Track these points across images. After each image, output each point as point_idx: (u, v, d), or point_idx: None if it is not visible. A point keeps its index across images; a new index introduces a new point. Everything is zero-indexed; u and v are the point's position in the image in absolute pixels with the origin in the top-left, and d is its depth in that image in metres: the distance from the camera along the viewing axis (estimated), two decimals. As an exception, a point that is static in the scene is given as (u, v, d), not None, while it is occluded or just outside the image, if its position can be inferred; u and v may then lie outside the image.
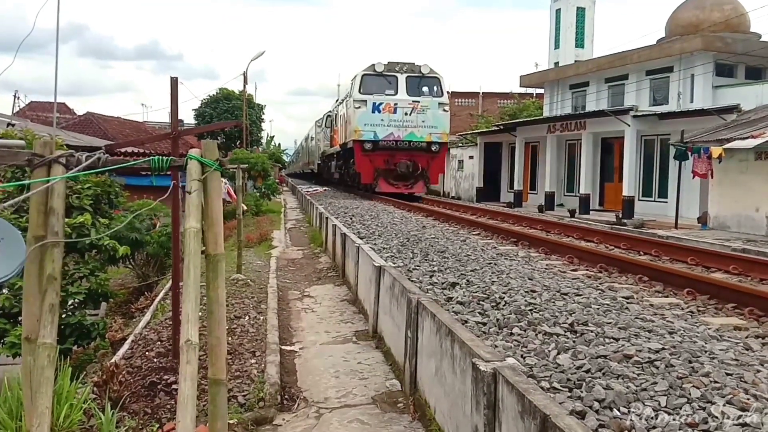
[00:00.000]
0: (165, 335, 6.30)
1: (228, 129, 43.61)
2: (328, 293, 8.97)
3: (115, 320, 9.05)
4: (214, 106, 46.82)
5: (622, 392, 2.79)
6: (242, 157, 25.20)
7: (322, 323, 7.25)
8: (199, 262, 2.58)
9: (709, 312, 4.44)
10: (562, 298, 5.01)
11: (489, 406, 3.11)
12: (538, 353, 3.57)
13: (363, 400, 4.87)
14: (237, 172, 10.28)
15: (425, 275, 6.28)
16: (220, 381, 2.86)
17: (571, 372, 3.20)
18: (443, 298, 5.19)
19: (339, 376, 5.42)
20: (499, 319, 4.39)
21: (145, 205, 10.55)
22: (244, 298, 8.04)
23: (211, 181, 2.74)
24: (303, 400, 4.91)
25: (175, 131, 5.26)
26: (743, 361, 3.28)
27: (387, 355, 5.88)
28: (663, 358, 3.32)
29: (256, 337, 6.31)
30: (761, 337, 3.76)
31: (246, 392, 4.91)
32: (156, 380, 5.26)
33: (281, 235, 16.03)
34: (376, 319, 6.62)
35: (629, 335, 3.82)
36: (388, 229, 11.04)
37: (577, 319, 4.22)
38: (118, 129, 32.66)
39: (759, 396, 2.74)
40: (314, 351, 6.19)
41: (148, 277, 13.12)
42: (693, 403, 2.68)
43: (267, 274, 9.85)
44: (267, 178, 27.37)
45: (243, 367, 5.46)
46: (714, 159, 14.50)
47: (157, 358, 5.76)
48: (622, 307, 4.65)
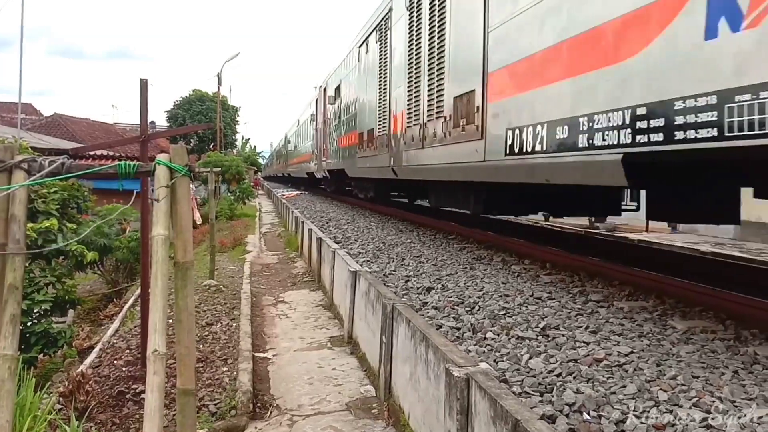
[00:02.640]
0: (134, 343, 6.22)
1: (201, 131, 43.26)
2: (303, 299, 8.93)
3: (83, 328, 8.92)
4: (187, 107, 46.46)
5: (592, 396, 2.82)
6: (216, 160, 25.01)
7: (296, 329, 7.20)
8: (168, 270, 2.54)
9: (677, 315, 4.49)
10: (535, 302, 5.05)
11: (462, 412, 3.12)
12: (510, 357, 3.59)
13: (337, 407, 4.85)
14: (210, 175, 10.17)
15: (401, 280, 6.28)
16: (189, 391, 2.82)
17: (543, 376, 3.22)
18: (419, 303, 5.18)
19: (313, 383, 5.39)
20: (473, 323, 4.40)
21: (114, 210, 10.41)
22: (217, 304, 7.96)
23: (180, 187, 2.70)
24: (276, 408, 4.87)
25: (144, 134, 5.19)
26: (709, 364, 3.34)
27: (362, 361, 5.86)
28: (632, 361, 3.38)
29: (229, 344, 6.25)
30: (727, 340, 3.81)
31: (217, 401, 4.86)
32: (124, 390, 5.19)
33: (256, 240, 15.94)
34: (352, 325, 6.60)
35: (600, 339, 3.86)
36: (365, 233, 11.02)
37: (549, 324, 4.25)
38: (87, 131, 32.20)
39: (724, 398, 2.80)
40: (288, 358, 6.15)
41: (117, 283, 12.95)
42: (660, 406, 2.72)
43: (240, 280, 9.76)
44: (242, 182, 27.18)
45: (215, 375, 5.40)
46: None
47: (126, 366, 5.68)
48: (593, 311, 4.70)
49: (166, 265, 2.55)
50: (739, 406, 2.74)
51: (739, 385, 3.01)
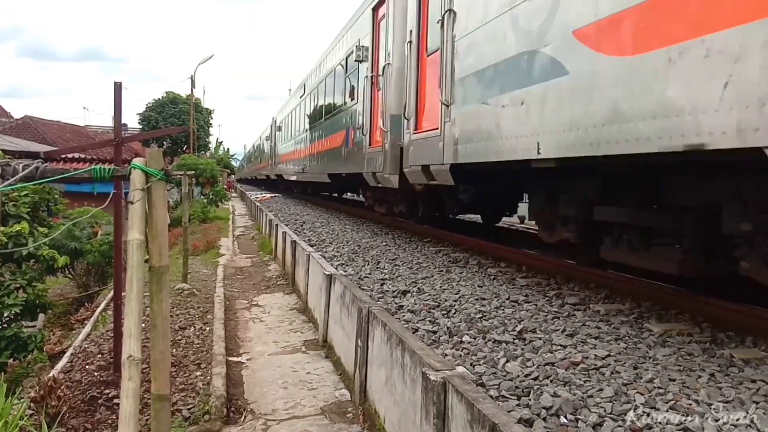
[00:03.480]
0: (106, 347, 6.12)
1: (175, 134, 42.80)
2: (277, 302, 8.86)
3: (54, 332, 8.77)
4: (160, 110, 46.02)
5: (570, 399, 2.83)
6: (189, 163, 24.80)
7: (270, 333, 7.15)
8: (143, 275, 2.50)
9: (653, 318, 4.54)
10: (511, 305, 5.07)
11: (439, 416, 3.11)
12: (487, 361, 3.59)
13: (312, 411, 4.81)
14: (183, 178, 10.06)
15: (376, 283, 6.27)
16: (164, 396, 2.78)
17: (520, 380, 3.23)
18: (394, 307, 5.18)
19: (287, 387, 5.34)
20: (449, 327, 4.41)
21: (85, 213, 10.24)
22: (190, 308, 7.87)
23: (155, 191, 2.66)
24: (250, 413, 4.82)
25: (118, 138, 5.12)
26: (686, 367, 3.38)
27: (337, 365, 5.83)
28: (609, 364, 3.40)
29: (202, 348, 6.18)
30: (703, 343, 3.87)
31: (191, 405, 4.80)
32: (96, 395, 5.12)
33: (229, 243, 15.81)
34: (327, 328, 6.56)
35: (576, 342, 3.89)
36: (340, 236, 10.99)
37: (525, 327, 4.27)
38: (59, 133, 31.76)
39: (701, 401, 2.83)
40: (262, 362, 6.09)
41: (88, 287, 12.76)
42: (638, 409, 2.75)
43: (214, 283, 9.68)
44: (215, 185, 26.99)
45: (188, 379, 5.34)
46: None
47: (98, 371, 5.60)
48: (569, 314, 4.74)
49: (142, 269, 2.51)
50: (716, 408, 2.77)
51: (715, 388, 3.05)
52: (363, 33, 11.82)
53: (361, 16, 12.17)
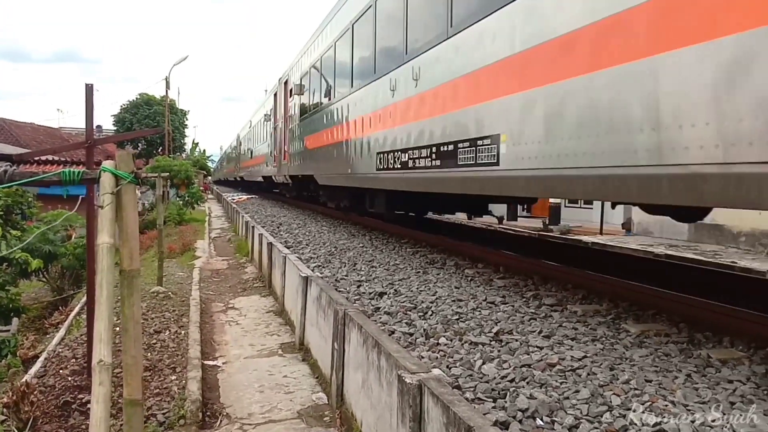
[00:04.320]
0: (80, 352, 6.02)
1: (149, 135, 42.29)
2: (253, 305, 8.79)
3: (27, 337, 8.61)
4: (134, 111, 45.49)
5: (546, 401, 2.83)
6: (164, 165, 24.55)
7: (246, 336, 7.08)
8: (113, 279, 2.45)
9: (630, 318, 4.57)
10: (488, 306, 5.07)
11: (415, 419, 3.10)
12: (463, 363, 3.58)
13: (288, 415, 4.78)
14: (157, 180, 9.94)
15: (353, 285, 6.24)
16: (137, 401, 2.74)
17: (496, 382, 3.23)
18: (371, 309, 5.15)
19: (264, 391, 5.30)
20: (426, 329, 4.39)
21: (59, 216, 10.08)
22: (165, 311, 7.77)
23: (125, 194, 2.61)
24: (226, 417, 4.77)
25: (90, 140, 5.03)
26: (663, 368, 3.39)
27: (314, 368, 5.79)
28: (585, 366, 3.41)
29: (177, 352, 6.10)
30: (680, 343, 3.89)
31: (166, 410, 4.74)
32: (70, 400, 5.04)
33: (205, 245, 15.66)
34: (303, 331, 6.52)
35: (553, 343, 3.89)
36: (316, 238, 10.94)
37: (502, 328, 4.27)
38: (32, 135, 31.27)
39: (677, 402, 2.84)
40: (238, 365, 6.03)
41: (63, 290, 12.54)
42: (614, 411, 2.75)
43: (189, 286, 9.57)
44: (191, 186, 26.74)
45: (163, 384, 5.27)
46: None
47: (72, 376, 5.51)
48: (546, 315, 4.75)
49: (111, 273, 2.46)
50: (692, 409, 2.77)
51: (692, 389, 3.05)
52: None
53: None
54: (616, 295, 5.18)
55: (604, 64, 3.86)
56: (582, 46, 4.08)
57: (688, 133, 3.17)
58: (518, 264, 6.91)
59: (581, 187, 4.19)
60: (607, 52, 3.84)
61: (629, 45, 3.64)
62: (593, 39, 3.98)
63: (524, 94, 4.85)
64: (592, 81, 3.97)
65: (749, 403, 2.87)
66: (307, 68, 15.15)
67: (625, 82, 3.68)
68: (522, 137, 4.87)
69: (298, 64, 16.60)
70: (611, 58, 3.79)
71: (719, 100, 3.00)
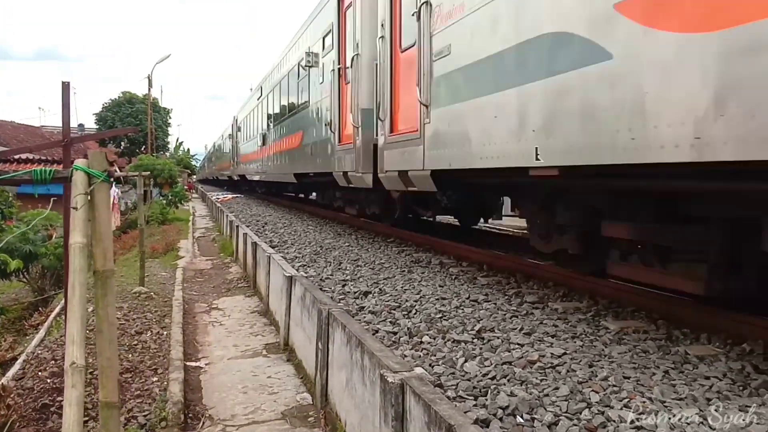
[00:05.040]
0: (60, 354, 5.95)
1: (132, 134, 41.97)
2: (237, 305, 8.74)
3: (6, 338, 8.51)
4: (116, 110, 45.17)
5: (526, 398, 2.82)
6: (147, 164, 24.37)
7: (230, 337, 7.04)
8: (85, 279, 2.41)
9: (610, 315, 4.58)
10: (471, 304, 5.07)
11: (397, 418, 3.08)
12: (446, 361, 3.57)
13: (272, 416, 4.75)
14: (138, 179, 9.85)
15: (338, 284, 6.21)
16: (113, 404, 2.69)
17: (477, 379, 3.22)
18: (355, 308, 5.13)
19: (247, 392, 5.26)
20: (409, 327, 4.38)
21: (39, 215, 9.96)
22: (147, 312, 7.71)
23: (98, 193, 2.57)
24: (208, 419, 4.73)
25: (66, 138, 4.96)
26: (641, 364, 3.40)
27: (298, 368, 5.76)
28: (565, 363, 3.41)
29: (159, 353, 6.05)
30: (658, 340, 3.90)
31: (147, 412, 4.69)
32: (48, 402, 4.97)
33: (189, 245, 15.56)
34: (288, 331, 6.49)
35: (534, 341, 3.90)
36: (302, 237, 10.90)
37: (484, 326, 4.27)
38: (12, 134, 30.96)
39: (654, 399, 2.85)
40: (221, 366, 5.99)
41: (43, 291, 12.40)
42: (592, 408, 2.75)
43: (172, 286, 9.50)
44: (174, 185, 26.56)
45: (144, 385, 5.22)
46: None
47: (51, 378, 5.44)
48: (527, 312, 4.76)
49: (84, 274, 2.42)
50: (669, 406, 2.78)
51: (669, 385, 3.06)
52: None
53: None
54: (596, 293, 5.19)
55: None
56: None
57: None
58: (501, 262, 6.92)
59: None
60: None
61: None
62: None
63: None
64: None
65: (725, 399, 2.89)
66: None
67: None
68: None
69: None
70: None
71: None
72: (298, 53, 14.16)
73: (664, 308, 4.53)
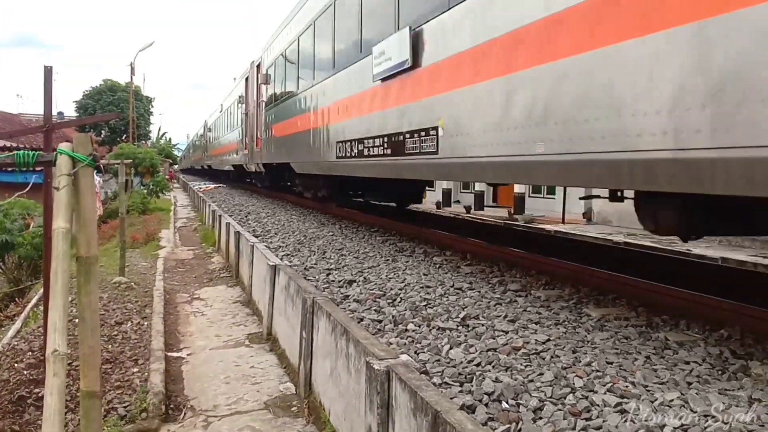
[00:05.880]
0: (37, 345, 5.87)
1: (113, 122, 41.51)
2: (220, 295, 8.69)
3: (-20, 330, 8.37)
4: (98, 98, 44.64)
5: (511, 384, 2.84)
6: (128, 152, 24.10)
7: (212, 327, 6.99)
8: (68, 265, 2.37)
9: (591, 303, 4.62)
10: (455, 292, 5.08)
11: (383, 405, 3.08)
12: (431, 348, 3.58)
13: (255, 406, 4.72)
14: (120, 167, 9.73)
15: (322, 273, 6.19)
16: (95, 394, 2.65)
17: (463, 366, 3.22)
18: (340, 297, 5.12)
19: (230, 382, 5.23)
20: (394, 315, 4.38)
21: (16, 205, 9.80)
22: (127, 302, 7.63)
23: (83, 178, 2.52)
24: (190, 409, 4.69)
25: (48, 124, 4.86)
26: (623, 350, 3.44)
27: (281, 358, 5.74)
28: (549, 349, 3.43)
29: (140, 343, 5.99)
30: (639, 326, 3.94)
31: (127, 403, 4.64)
32: (25, 394, 4.90)
33: (170, 235, 15.44)
34: (271, 321, 6.46)
35: (518, 327, 3.92)
36: (285, 227, 10.84)
37: (469, 314, 4.28)
38: (-12, 122, 30.38)
39: (637, 383, 2.88)
40: (203, 356, 5.95)
41: (20, 281, 12.22)
42: (576, 392, 2.78)
43: (153, 276, 9.41)
44: (155, 175, 26.30)
45: (124, 376, 5.16)
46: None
47: (28, 369, 5.36)
48: (511, 300, 4.78)
49: (68, 260, 2.37)
50: (652, 390, 2.82)
51: (651, 370, 3.10)
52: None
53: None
54: (578, 281, 5.24)
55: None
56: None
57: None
58: (485, 251, 6.95)
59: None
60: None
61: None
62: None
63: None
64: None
65: (705, 383, 2.94)
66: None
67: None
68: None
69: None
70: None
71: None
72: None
73: (645, 296, 4.59)
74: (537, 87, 4.24)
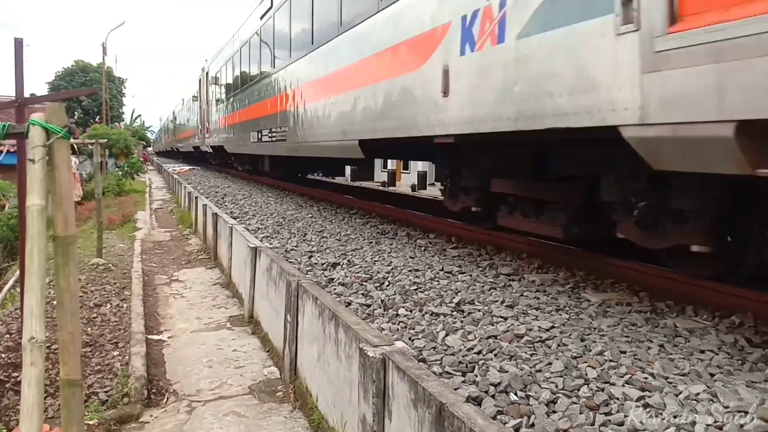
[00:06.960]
0: (15, 327, 5.65)
1: (86, 103, 40.72)
2: (199, 277, 8.48)
3: (-47, 313, 8.08)
4: (70, 79, 43.86)
5: (518, 375, 2.69)
6: (102, 133, 23.63)
7: (192, 309, 6.81)
8: (45, 245, 2.18)
9: (589, 288, 4.49)
10: (446, 276, 4.94)
11: (378, 395, 2.94)
12: (426, 335, 3.43)
13: (239, 391, 4.58)
14: (95, 148, 9.41)
15: (304, 256, 6.02)
16: (75, 382, 2.48)
17: (462, 354, 3.08)
18: (324, 280, 4.96)
19: (212, 366, 5.07)
20: (384, 300, 4.23)
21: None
22: (105, 284, 7.40)
23: (58, 151, 2.32)
24: (173, 394, 4.53)
25: (20, 99, 4.60)
26: (633, 338, 3.28)
27: (264, 341, 5.59)
28: (554, 336, 3.28)
29: (119, 326, 5.79)
30: (644, 312, 3.81)
31: (108, 388, 4.46)
32: (3, 378, 4.69)
33: (146, 216, 15.13)
34: (252, 304, 6.30)
35: (517, 313, 3.77)
36: (263, 208, 10.64)
37: (463, 298, 4.13)
38: (-44, 99, 29.66)
39: (657, 375, 2.72)
40: (185, 339, 5.77)
41: (-5, 263, 11.88)
42: (591, 384, 2.62)
43: (131, 258, 9.16)
44: (130, 156, 25.87)
45: (104, 360, 4.97)
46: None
47: (6, 353, 5.15)
48: (505, 284, 4.64)
49: (44, 239, 2.18)
50: (674, 382, 2.65)
51: (668, 360, 2.93)
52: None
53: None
54: (573, 264, 5.12)
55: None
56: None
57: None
58: (469, 234, 6.82)
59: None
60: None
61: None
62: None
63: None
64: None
65: (728, 374, 2.76)
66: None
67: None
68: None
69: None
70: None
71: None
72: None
73: (645, 280, 4.45)
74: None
